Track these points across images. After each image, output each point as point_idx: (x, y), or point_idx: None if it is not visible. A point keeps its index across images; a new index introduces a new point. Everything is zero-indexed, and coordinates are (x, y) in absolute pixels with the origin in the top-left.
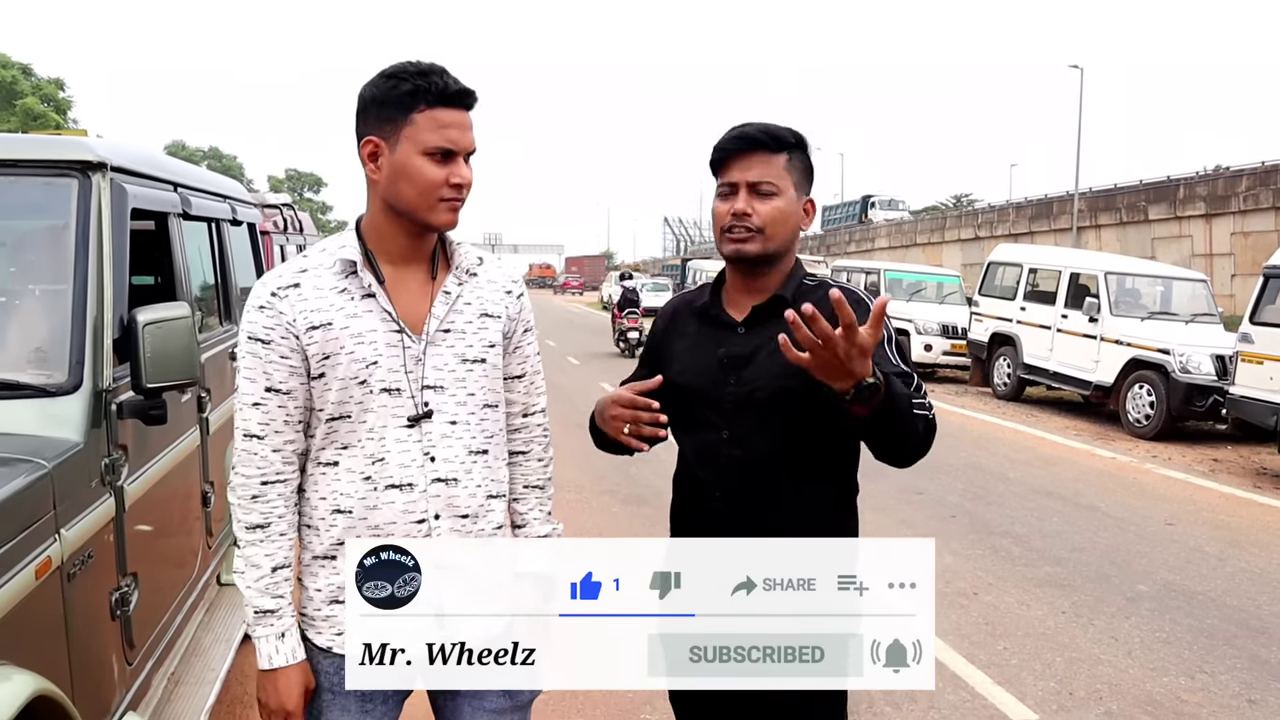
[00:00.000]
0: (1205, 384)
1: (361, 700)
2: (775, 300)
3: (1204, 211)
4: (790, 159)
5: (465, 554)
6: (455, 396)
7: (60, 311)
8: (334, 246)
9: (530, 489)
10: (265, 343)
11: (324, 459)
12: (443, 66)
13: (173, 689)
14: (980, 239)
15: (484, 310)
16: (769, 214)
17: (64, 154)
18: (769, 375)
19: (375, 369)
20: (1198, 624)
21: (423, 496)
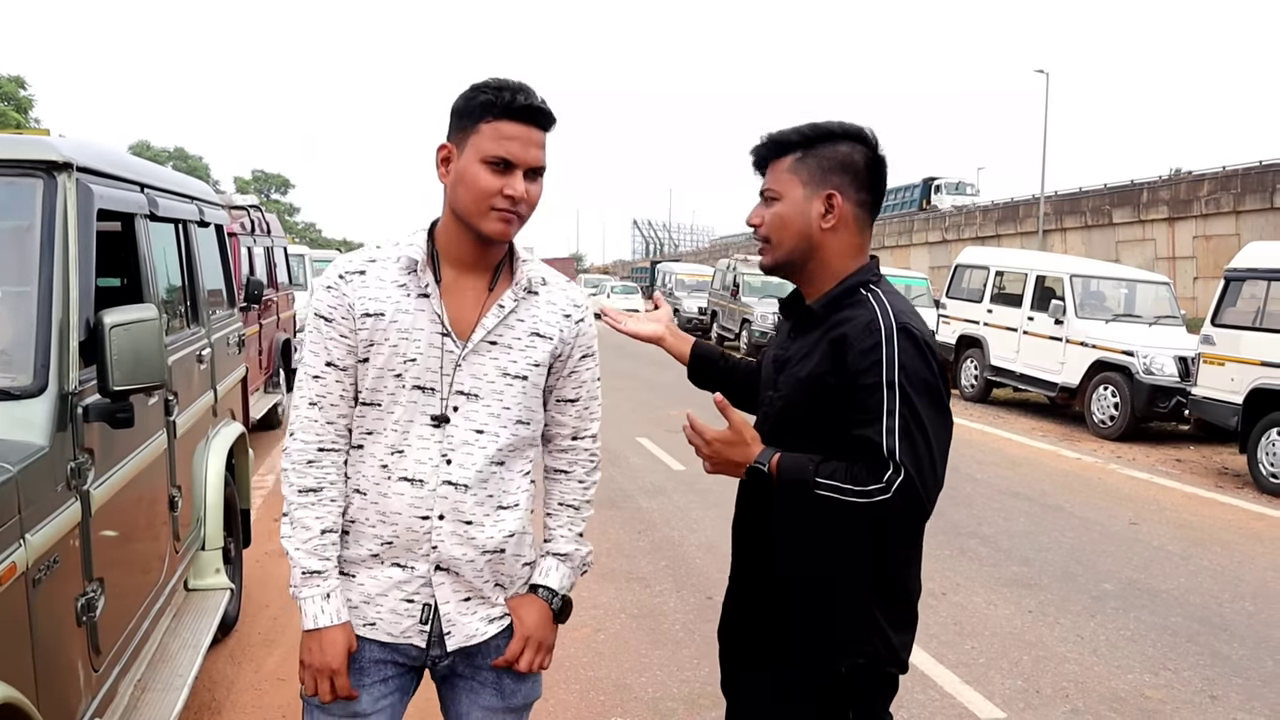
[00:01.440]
0: (1168, 385)
1: (359, 674)
2: (806, 310)
3: (1167, 215)
4: (800, 159)
5: (471, 567)
6: (489, 407)
7: (25, 313)
8: (405, 242)
9: (564, 507)
10: (328, 320)
11: (355, 441)
12: (527, 85)
13: (139, 695)
14: (948, 242)
15: (536, 329)
16: (770, 220)
17: (29, 154)
18: (787, 386)
19: (412, 365)
20: (1161, 622)
21: (431, 495)
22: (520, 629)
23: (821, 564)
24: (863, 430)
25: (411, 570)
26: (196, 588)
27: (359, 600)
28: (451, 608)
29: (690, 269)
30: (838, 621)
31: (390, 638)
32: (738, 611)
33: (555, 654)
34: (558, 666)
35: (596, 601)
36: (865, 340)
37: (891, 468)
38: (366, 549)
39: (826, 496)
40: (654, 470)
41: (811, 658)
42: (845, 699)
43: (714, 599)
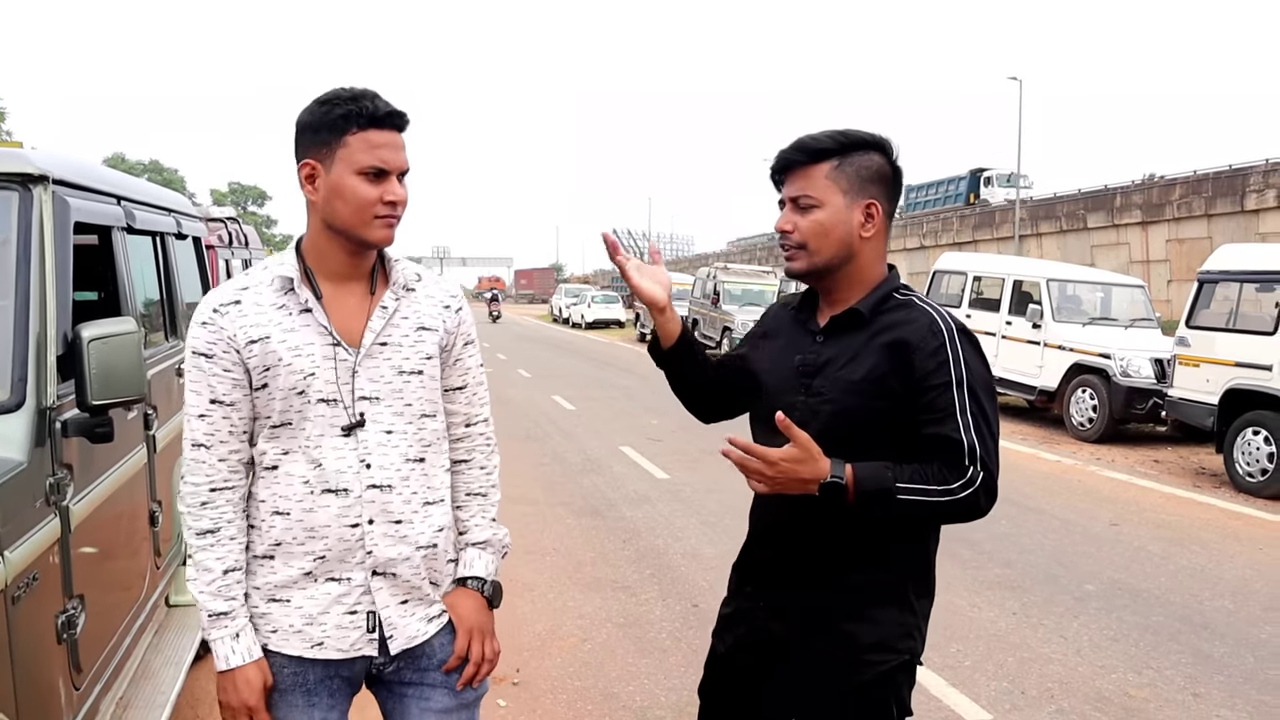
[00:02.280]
0: (1145, 387)
1: (307, 695)
2: (850, 313)
3: (1140, 219)
4: (838, 166)
5: (408, 566)
6: (392, 407)
7: (2, 328)
8: (274, 264)
9: (473, 496)
10: (209, 357)
11: (266, 463)
12: (374, 91)
13: (121, 713)
14: (926, 248)
15: (421, 324)
16: (808, 228)
17: (4, 167)
18: (836, 389)
19: (313, 380)
20: (1144, 621)
21: (357, 502)
22: (461, 623)
23: (881, 569)
24: (938, 429)
25: (349, 581)
26: (178, 604)
27: (301, 624)
28: (392, 611)
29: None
30: (889, 622)
31: (341, 653)
32: (768, 617)
33: (542, 664)
34: (544, 676)
35: (582, 611)
36: (931, 342)
37: (973, 463)
38: (298, 568)
39: (910, 500)
40: (638, 479)
41: (861, 659)
42: (887, 694)
43: (700, 606)
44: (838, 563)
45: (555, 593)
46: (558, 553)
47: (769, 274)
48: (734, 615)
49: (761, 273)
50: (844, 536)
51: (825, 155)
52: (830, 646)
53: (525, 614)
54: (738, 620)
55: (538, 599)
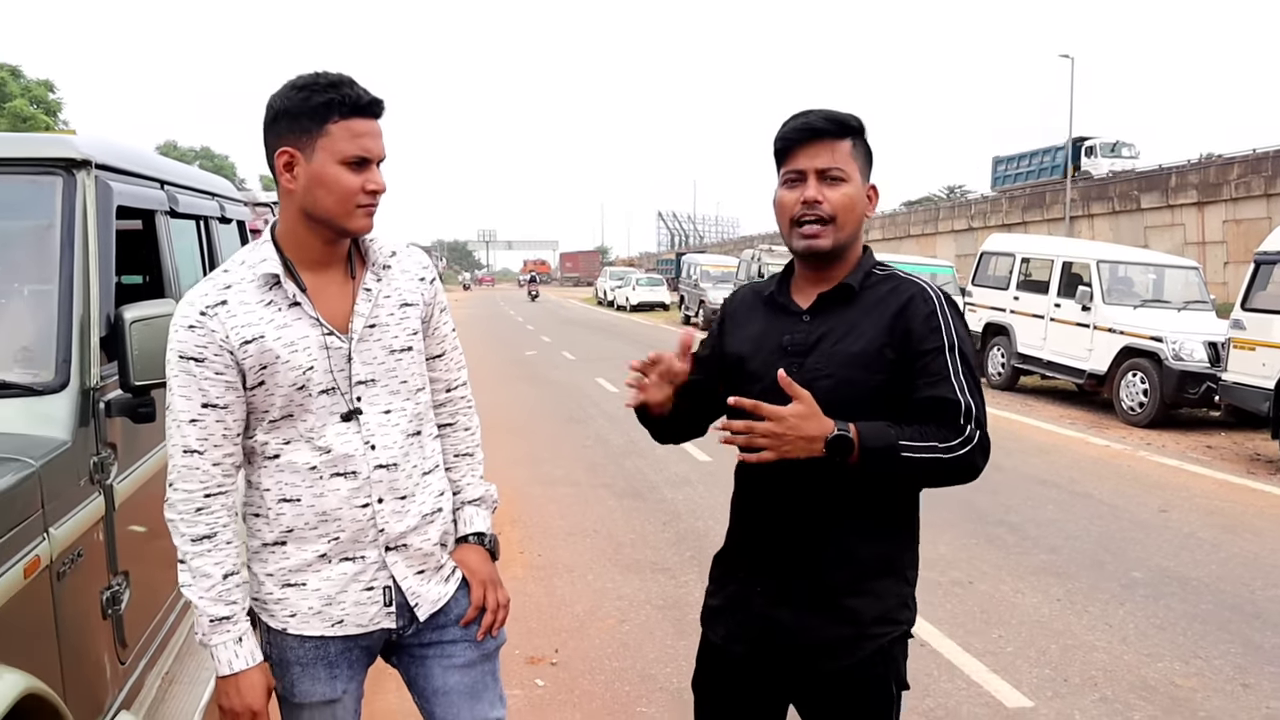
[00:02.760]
0: (1198, 371)
1: (329, 668)
2: (841, 288)
3: (1196, 200)
4: (855, 145)
5: (418, 536)
6: (388, 386)
7: (46, 310)
8: (254, 260)
9: (461, 457)
10: (199, 360)
11: (268, 452)
12: (350, 77)
13: (167, 688)
14: (973, 229)
15: (403, 300)
16: (840, 201)
17: (48, 152)
18: (834, 364)
19: (312, 373)
20: (1192, 610)
21: (366, 483)
22: (474, 576)
23: (880, 541)
24: (934, 391)
25: (363, 559)
26: None
27: (320, 605)
28: (411, 580)
29: (715, 260)
30: (888, 594)
31: (360, 629)
32: (764, 590)
33: (580, 645)
34: (583, 657)
35: (621, 592)
36: (923, 309)
37: (969, 422)
38: (312, 552)
39: (913, 458)
40: (680, 461)
41: (865, 634)
42: (888, 667)
43: None
44: (839, 540)
45: (595, 574)
46: (598, 534)
47: None
48: (727, 605)
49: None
50: (844, 512)
51: (850, 132)
52: (835, 625)
53: (565, 595)
54: (731, 610)
55: (577, 580)
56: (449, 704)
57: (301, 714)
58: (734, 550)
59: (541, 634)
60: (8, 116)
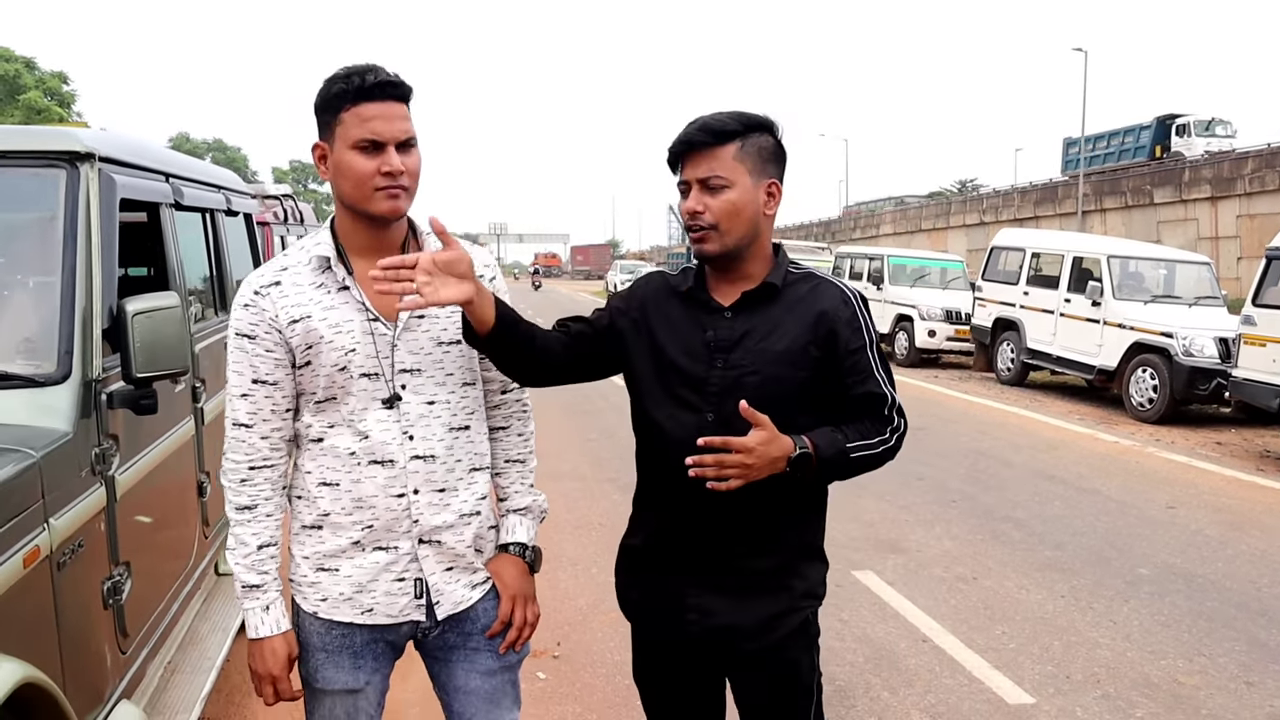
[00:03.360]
0: (1208, 367)
1: (354, 657)
2: (765, 287)
3: (1209, 194)
4: (741, 147)
5: (452, 533)
6: (434, 378)
7: (49, 302)
8: (310, 244)
9: (511, 463)
10: (251, 338)
11: (312, 435)
12: (371, 65)
13: (169, 678)
14: (985, 224)
15: None
16: (720, 208)
17: (52, 145)
18: (760, 361)
19: (354, 356)
20: (1197, 607)
21: (402, 472)
22: (505, 589)
23: (808, 528)
24: (863, 388)
25: (396, 550)
26: (227, 572)
27: (350, 591)
28: (438, 578)
29: None
30: (814, 575)
31: (389, 619)
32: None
33: (583, 638)
34: (585, 650)
35: None
36: (845, 311)
37: (892, 411)
38: (347, 538)
39: (859, 457)
40: None
41: (794, 607)
42: (811, 638)
43: None
44: (766, 529)
45: (599, 567)
46: (603, 527)
47: (823, 250)
48: (653, 598)
49: (816, 249)
50: (768, 502)
51: (730, 136)
52: (768, 601)
53: (568, 588)
54: (659, 602)
55: (581, 573)
56: (467, 702)
57: (323, 700)
58: (657, 545)
59: (544, 627)
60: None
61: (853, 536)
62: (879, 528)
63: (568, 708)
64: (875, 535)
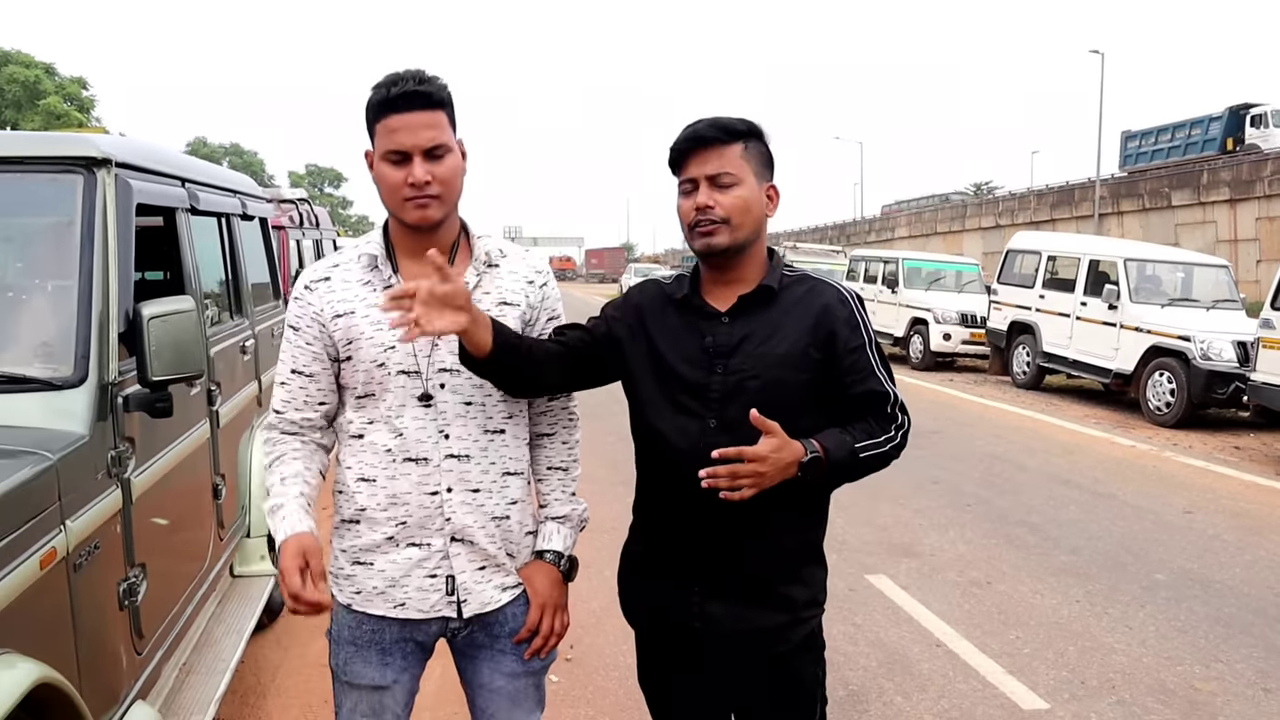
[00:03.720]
0: (1227, 371)
1: (381, 654)
2: (761, 290)
3: (1228, 197)
4: (746, 148)
5: (484, 534)
6: (472, 379)
7: (66, 306)
8: (363, 243)
9: (553, 470)
10: (295, 330)
11: (352, 431)
12: (404, 73)
13: (184, 679)
14: (1001, 227)
15: (503, 299)
16: (731, 204)
17: (69, 150)
18: (761, 365)
19: (393, 353)
20: (1214, 612)
21: (436, 470)
22: (535, 597)
23: (807, 529)
24: (864, 386)
25: (429, 547)
26: (242, 574)
27: (384, 585)
28: (468, 576)
29: None
30: (814, 580)
31: (421, 614)
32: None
33: (596, 641)
34: (598, 654)
35: None
36: (843, 310)
37: (896, 409)
38: (381, 533)
39: (868, 456)
40: None
41: (798, 618)
42: (816, 649)
43: None
44: (766, 533)
45: (612, 570)
46: (617, 530)
47: (838, 253)
48: (659, 606)
49: (831, 251)
50: (768, 507)
51: (738, 135)
52: (771, 613)
53: (581, 591)
54: (664, 610)
55: (594, 576)
56: (490, 700)
57: (350, 694)
58: (657, 552)
59: None
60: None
61: (866, 540)
62: (893, 532)
63: (580, 710)
64: (889, 539)
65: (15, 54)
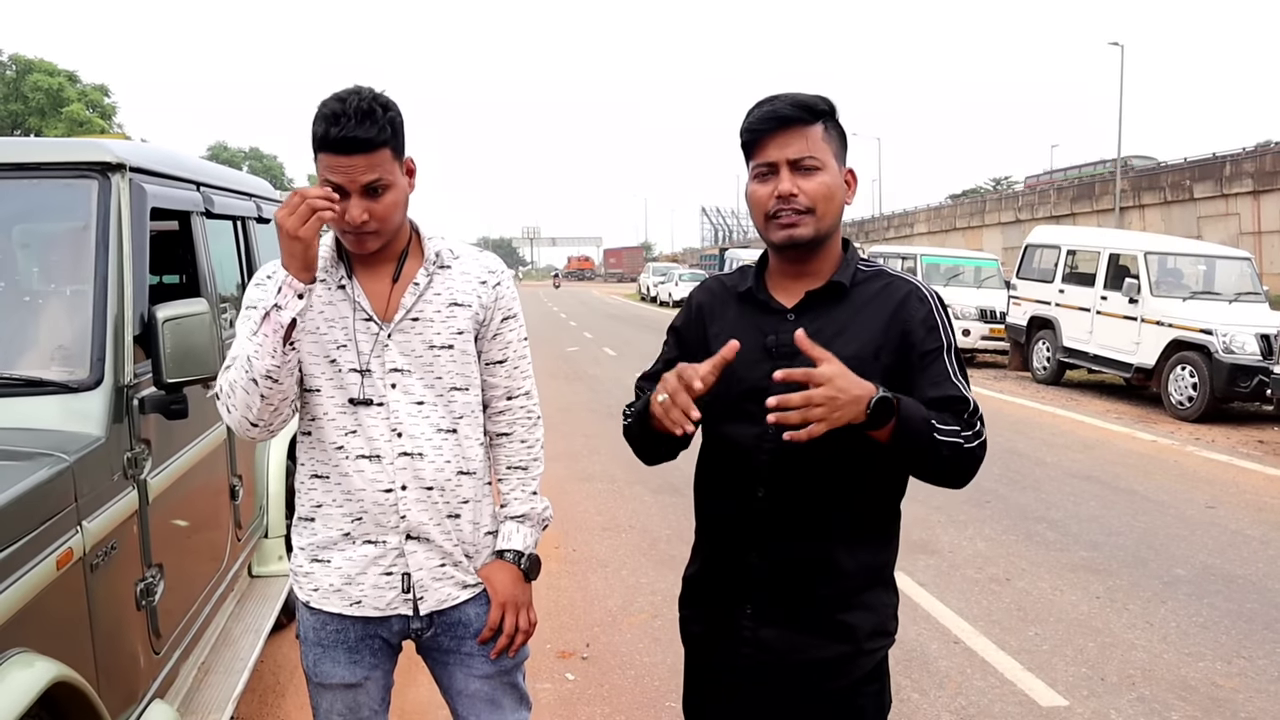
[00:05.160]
0: (1250, 364)
1: (349, 652)
2: (831, 286)
3: (1252, 188)
4: (826, 129)
5: (439, 531)
6: (423, 379)
7: (82, 310)
8: (318, 243)
9: (513, 470)
10: (254, 308)
11: (302, 429)
12: (347, 106)
13: (202, 678)
14: (1021, 221)
15: (453, 300)
16: (816, 191)
17: (84, 156)
18: None
19: (344, 351)
20: (1236, 608)
21: (390, 468)
22: (495, 595)
23: (870, 551)
24: (941, 391)
25: (384, 544)
26: (260, 574)
27: (340, 583)
28: (425, 574)
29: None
30: (880, 606)
31: (377, 611)
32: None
33: (612, 640)
34: (614, 652)
35: (655, 587)
36: (920, 310)
37: (977, 418)
38: (337, 529)
39: (941, 440)
40: None
41: (862, 649)
42: (883, 682)
43: None
44: (824, 554)
45: (629, 569)
46: (633, 529)
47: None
48: (713, 630)
49: None
50: (827, 524)
51: (820, 115)
52: (831, 643)
53: (598, 590)
54: (717, 635)
55: (610, 575)
56: (469, 705)
57: (324, 695)
58: (710, 572)
59: (573, 628)
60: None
61: None
62: (911, 529)
63: (596, 709)
64: (907, 536)
65: (39, 63)
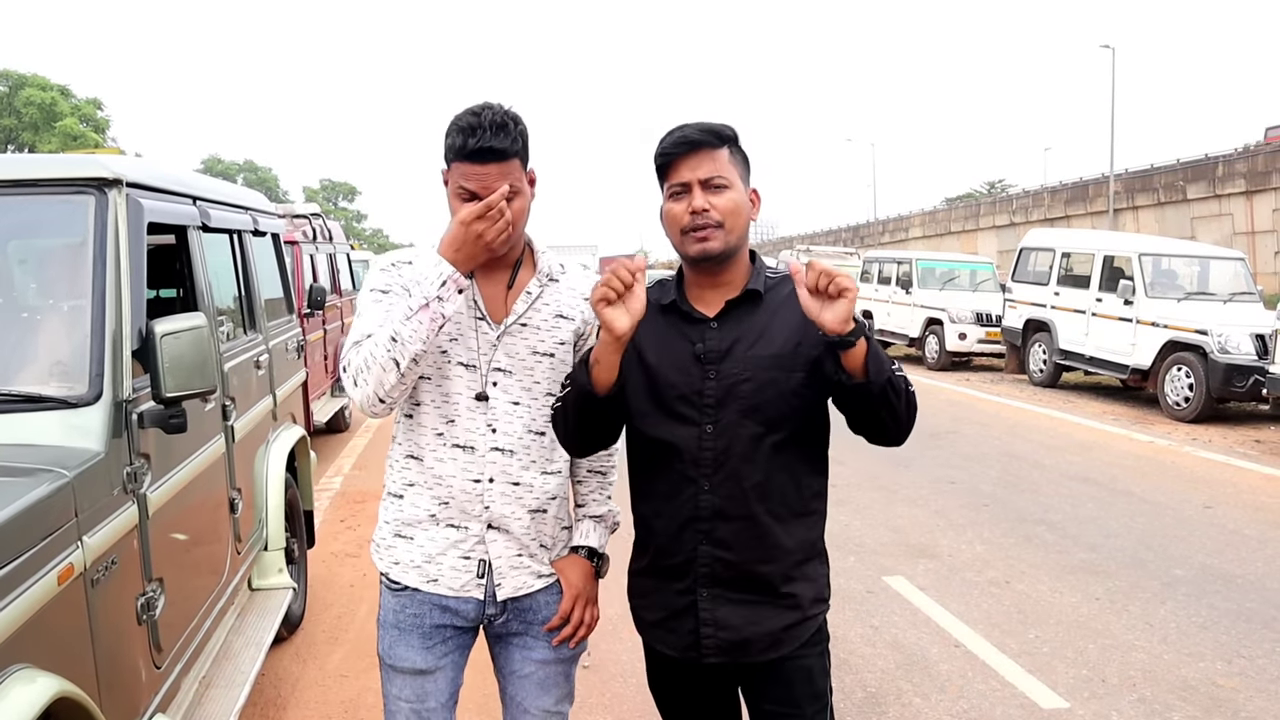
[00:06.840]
0: (1245, 364)
1: (423, 638)
2: (749, 294)
3: (1244, 189)
4: (732, 153)
5: (519, 524)
6: (521, 382)
7: (80, 325)
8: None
9: (593, 474)
10: (385, 292)
11: (404, 410)
12: (483, 119)
13: (203, 692)
14: (1015, 225)
15: (560, 311)
16: (726, 206)
17: (81, 172)
18: (753, 368)
19: (455, 344)
20: (1236, 608)
21: (481, 460)
22: (569, 588)
23: (808, 528)
24: None
25: (466, 530)
26: (260, 587)
27: (420, 560)
28: (503, 562)
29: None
30: (818, 576)
31: (452, 592)
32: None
33: (613, 648)
34: (615, 661)
35: None
36: None
37: (902, 380)
38: (424, 509)
39: (899, 378)
40: None
41: (807, 616)
42: (823, 643)
43: None
44: (764, 536)
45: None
46: (633, 537)
47: (852, 255)
48: (667, 617)
49: (844, 253)
50: (764, 509)
51: (726, 140)
52: (779, 613)
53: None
54: (673, 619)
55: (611, 583)
56: (520, 686)
57: (395, 679)
58: (662, 564)
59: None
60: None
61: (884, 542)
62: (910, 533)
63: (598, 717)
64: (906, 540)
65: (32, 77)
